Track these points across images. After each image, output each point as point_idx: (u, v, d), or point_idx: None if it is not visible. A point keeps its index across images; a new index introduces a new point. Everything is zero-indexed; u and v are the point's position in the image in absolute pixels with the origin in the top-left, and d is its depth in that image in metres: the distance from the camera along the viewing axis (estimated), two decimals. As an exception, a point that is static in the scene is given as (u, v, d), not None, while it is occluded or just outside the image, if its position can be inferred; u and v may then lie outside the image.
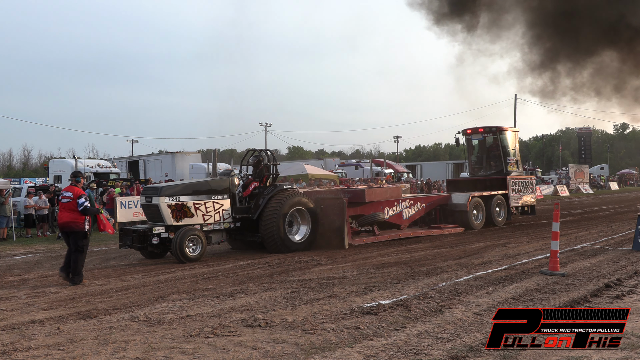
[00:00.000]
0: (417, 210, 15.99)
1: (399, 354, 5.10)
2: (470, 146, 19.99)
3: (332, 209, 13.26)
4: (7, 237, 18.21)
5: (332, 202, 13.40)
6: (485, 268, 9.84)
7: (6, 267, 11.91)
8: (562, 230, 10.95)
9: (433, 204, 16.94)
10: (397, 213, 15.22)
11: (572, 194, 45.47)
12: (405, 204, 15.61)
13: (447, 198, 17.25)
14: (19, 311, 7.30)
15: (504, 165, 18.87)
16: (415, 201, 16.08)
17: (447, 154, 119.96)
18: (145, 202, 12.12)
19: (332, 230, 13.14)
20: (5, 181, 20.67)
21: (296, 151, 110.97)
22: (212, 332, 5.90)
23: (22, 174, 71.90)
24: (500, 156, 18.94)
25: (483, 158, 19.69)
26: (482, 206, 17.40)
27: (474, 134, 19.63)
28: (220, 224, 12.41)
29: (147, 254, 12.30)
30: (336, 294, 7.74)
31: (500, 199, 17.97)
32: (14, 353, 5.30)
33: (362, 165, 49.97)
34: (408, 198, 16.20)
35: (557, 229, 9.34)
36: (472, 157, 20.12)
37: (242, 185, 13.10)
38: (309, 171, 36.33)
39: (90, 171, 28.79)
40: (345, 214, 13.07)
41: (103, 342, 5.59)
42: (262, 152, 13.80)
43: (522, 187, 18.75)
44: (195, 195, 12.04)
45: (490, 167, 19.45)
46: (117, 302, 7.71)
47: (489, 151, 19.51)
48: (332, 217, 13.19)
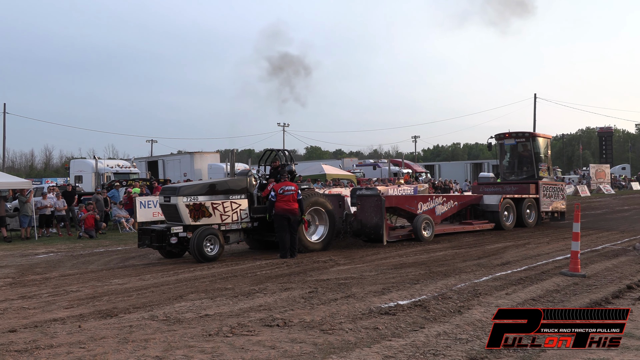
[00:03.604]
0: (450, 207, 16.45)
1: (418, 355, 5.07)
2: (502, 150, 20.30)
3: (370, 206, 13.98)
4: (30, 236, 18.47)
5: (371, 200, 14.12)
6: (504, 269, 9.77)
7: (28, 266, 12.08)
8: (582, 231, 10.83)
9: (465, 203, 17.46)
10: (431, 209, 15.69)
11: (593, 194, 44.91)
12: (439, 200, 16.16)
13: (479, 198, 17.68)
14: (41, 309, 7.40)
15: (535, 170, 19.15)
16: (448, 199, 16.65)
17: (465, 153, 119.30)
18: (163, 201, 12.21)
19: (370, 226, 13.91)
20: (27, 181, 20.96)
21: (314, 151, 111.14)
22: (231, 331, 5.92)
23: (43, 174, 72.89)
24: (532, 161, 19.23)
25: (515, 163, 20.02)
26: (512, 208, 17.72)
27: (507, 139, 19.98)
28: (238, 224, 12.44)
29: (166, 253, 12.39)
30: (354, 294, 7.73)
31: (531, 202, 18.25)
32: (36, 351, 5.37)
33: (380, 165, 49.81)
34: (441, 195, 16.90)
35: (578, 230, 9.24)
36: (504, 161, 20.45)
37: (260, 186, 13.15)
38: (326, 171, 36.35)
39: (110, 171, 29.12)
40: (384, 211, 13.78)
41: (123, 341, 5.64)
42: (280, 152, 13.85)
43: (552, 193, 19.03)
44: (213, 195, 12.08)
45: (521, 171, 19.76)
46: (137, 301, 7.77)
47: (521, 156, 19.82)
48: (370, 213, 13.95)
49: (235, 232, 12.55)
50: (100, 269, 11.37)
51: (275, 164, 13.50)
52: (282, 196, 11.86)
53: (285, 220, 11.80)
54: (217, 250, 11.82)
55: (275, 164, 13.52)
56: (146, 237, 12.11)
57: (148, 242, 12.05)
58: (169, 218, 12.32)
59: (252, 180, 12.90)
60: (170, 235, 11.73)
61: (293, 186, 12.13)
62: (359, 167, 49.42)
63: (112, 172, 29.03)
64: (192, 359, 5.07)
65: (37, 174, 72.11)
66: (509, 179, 19.86)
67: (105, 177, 28.50)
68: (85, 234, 18.12)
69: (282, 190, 11.92)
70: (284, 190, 11.92)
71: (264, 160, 14.16)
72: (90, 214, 18.43)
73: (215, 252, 11.79)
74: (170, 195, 11.92)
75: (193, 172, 35.87)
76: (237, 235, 12.67)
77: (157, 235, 11.88)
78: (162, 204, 12.33)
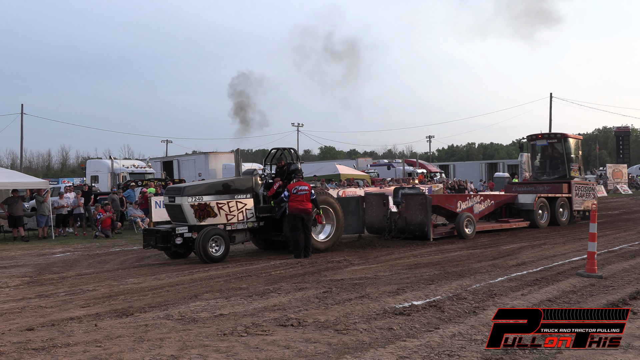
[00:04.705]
0: (487, 206, 17.03)
1: (432, 356, 5.05)
2: (534, 151, 20.63)
3: (415, 204, 14.75)
4: (47, 235, 18.67)
5: (416, 198, 14.92)
6: (520, 269, 9.70)
7: (45, 265, 12.20)
8: (599, 231, 10.72)
9: (501, 202, 17.97)
10: (469, 207, 16.19)
11: (609, 195, 44.39)
12: (477, 199, 16.83)
13: (514, 197, 18.14)
14: (57, 308, 7.48)
15: (567, 170, 19.40)
16: (485, 198, 17.35)
17: (480, 153, 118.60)
18: (168, 202, 12.13)
19: (415, 224, 14.66)
20: (44, 181, 21.21)
21: (328, 151, 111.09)
22: (245, 331, 5.94)
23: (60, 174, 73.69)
24: (564, 162, 19.51)
25: (547, 163, 20.31)
26: (547, 206, 18.14)
27: (539, 140, 20.32)
28: (244, 224, 12.35)
29: (171, 254, 12.30)
30: (369, 294, 7.72)
31: (563, 201, 18.62)
32: (53, 349, 5.42)
33: (394, 165, 49.58)
34: (479, 195, 17.67)
35: (595, 230, 9.15)
36: (536, 161, 20.72)
37: (266, 184, 13.07)
38: (341, 171, 36.35)
39: (126, 171, 29.35)
40: (430, 210, 14.51)
41: (139, 340, 5.68)
42: (285, 151, 13.76)
43: (584, 192, 19.34)
44: (218, 195, 11.99)
45: (553, 171, 20.03)
46: (152, 300, 7.83)
47: (553, 157, 20.10)
48: (415, 212, 14.71)
49: (241, 231, 12.47)
50: (116, 268, 11.47)
51: (281, 163, 13.46)
52: (295, 196, 11.86)
53: (299, 220, 11.80)
54: (222, 250, 11.71)
55: (281, 163, 13.48)
56: (151, 238, 12.03)
57: (153, 243, 11.97)
58: (174, 218, 12.24)
59: (258, 179, 12.80)
60: (175, 236, 11.66)
61: (307, 186, 12.14)
62: (373, 167, 49.28)
63: (127, 172, 29.26)
64: (207, 358, 5.09)
65: (54, 174, 72.94)
66: (541, 178, 20.19)
67: (121, 177, 28.72)
68: (102, 234, 18.27)
69: (296, 190, 11.92)
70: (297, 190, 11.92)
71: (269, 159, 14.09)
72: (108, 216, 18.60)
73: (221, 252, 11.68)
74: (175, 196, 11.83)
75: (208, 172, 35.96)
76: (243, 235, 12.59)
77: (162, 236, 11.81)
78: (167, 204, 12.25)
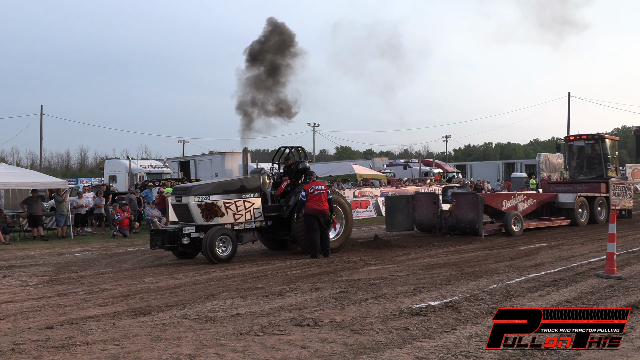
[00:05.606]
0: (530, 205, 17.55)
1: (449, 356, 5.03)
2: (571, 152, 20.95)
3: (466, 203, 15.48)
4: (65, 234, 18.87)
5: (467, 197, 15.67)
6: (537, 270, 9.62)
7: (64, 264, 12.33)
8: (618, 232, 10.59)
9: (543, 200, 18.56)
10: (513, 206, 16.76)
11: (629, 195, 43.83)
12: (520, 198, 17.37)
13: (554, 196, 18.69)
14: (76, 307, 7.56)
15: (604, 170, 19.74)
16: (528, 197, 17.90)
17: (497, 153, 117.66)
18: (175, 202, 12.10)
19: (466, 221, 15.37)
20: (63, 181, 21.44)
21: (344, 151, 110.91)
22: (262, 330, 5.96)
23: (79, 174, 74.49)
24: (601, 162, 19.87)
25: (584, 163, 20.67)
26: (586, 205, 18.70)
27: (577, 141, 20.73)
28: (252, 223, 12.30)
29: (179, 254, 12.25)
30: (385, 295, 7.71)
31: (602, 200, 19.08)
32: (72, 347, 5.48)
33: (410, 165, 49.37)
34: (523, 194, 18.34)
35: (614, 231, 9.04)
36: (572, 162, 21.04)
37: (274, 184, 13.01)
38: (357, 171, 36.28)
39: (143, 171, 29.58)
40: (482, 208, 15.08)
41: (156, 338, 5.72)
42: (294, 149, 13.71)
43: (621, 192, 19.75)
44: (225, 195, 11.94)
45: (590, 171, 20.36)
46: (170, 299, 7.88)
47: (590, 157, 20.45)
48: (466, 210, 15.44)
49: (249, 231, 12.41)
50: (134, 267, 11.56)
51: (289, 162, 13.39)
52: (312, 195, 11.86)
53: (315, 220, 11.81)
54: (230, 250, 11.65)
55: (289, 162, 13.40)
56: (158, 238, 11.99)
57: (160, 243, 11.93)
58: (182, 218, 12.20)
59: (266, 178, 12.73)
60: (182, 236, 11.63)
61: (323, 186, 12.17)
62: (390, 167, 49.09)
63: (145, 172, 29.47)
64: (223, 357, 5.11)
65: (72, 174, 73.72)
66: (578, 178, 20.44)
67: (138, 177, 28.95)
68: (119, 233, 18.44)
69: (313, 190, 11.92)
70: (314, 190, 11.93)
71: (277, 158, 13.97)
72: (126, 216, 18.77)
73: (228, 252, 11.62)
74: (182, 195, 11.78)
75: (224, 172, 36.10)
76: (251, 234, 12.53)
77: (168, 236, 11.77)
78: (174, 204, 12.21)
